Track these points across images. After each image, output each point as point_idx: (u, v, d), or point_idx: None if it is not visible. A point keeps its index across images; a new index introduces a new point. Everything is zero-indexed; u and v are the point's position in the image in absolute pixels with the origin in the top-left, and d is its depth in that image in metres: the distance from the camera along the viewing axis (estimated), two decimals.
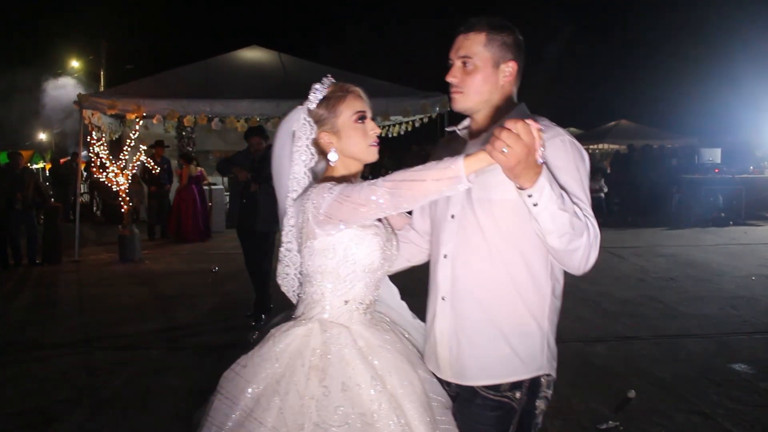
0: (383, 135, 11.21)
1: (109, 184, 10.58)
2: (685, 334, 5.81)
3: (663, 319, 6.30)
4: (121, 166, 10.52)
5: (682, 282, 7.80)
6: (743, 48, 23.55)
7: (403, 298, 2.24)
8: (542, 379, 1.92)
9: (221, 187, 14.61)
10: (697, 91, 25.12)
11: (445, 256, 1.97)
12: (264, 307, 6.31)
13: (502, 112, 1.95)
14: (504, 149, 1.52)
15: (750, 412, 4.11)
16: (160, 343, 5.83)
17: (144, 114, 10.46)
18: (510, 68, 1.94)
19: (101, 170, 10.56)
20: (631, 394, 4.31)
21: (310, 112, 2.03)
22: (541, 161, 1.58)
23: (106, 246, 11.31)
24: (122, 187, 10.44)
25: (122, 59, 27.01)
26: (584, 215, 1.73)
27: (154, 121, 10.92)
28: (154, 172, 12.33)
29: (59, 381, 4.86)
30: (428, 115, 12.22)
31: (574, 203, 1.71)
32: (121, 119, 12.05)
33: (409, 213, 2.21)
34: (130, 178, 10.66)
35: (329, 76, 2.08)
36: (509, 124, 1.52)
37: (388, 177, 1.76)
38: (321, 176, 2.05)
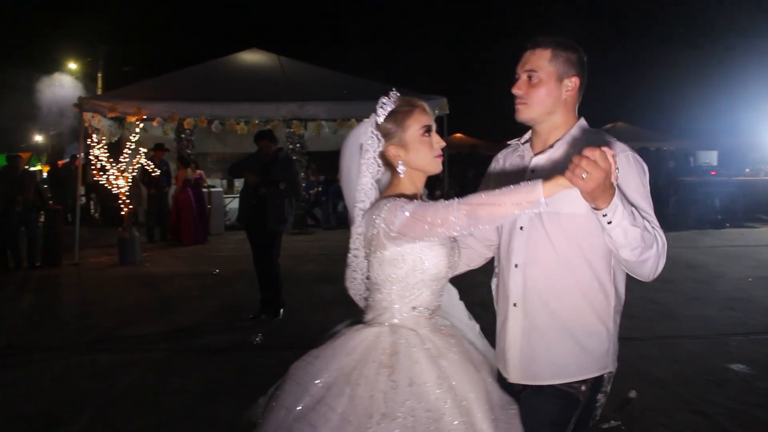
0: None
1: (109, 187, 10.59)
2: (684, 335, 5.88)
3: (662, 320, 6.35)
4: (121, 168, 10.53)
5: (680, 284, 7.86)
6: (740, 51, 23.67)
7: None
8: (605, 376, 2.06)
9: (220, 189, 14.64)
10: (694, 94, 25.21)
11: (516, 266, 2.09)
12: (277, 303, 6.54)
13: (563, 125, 2.10)
14: (584, 175, 1.63)
15: (748, 411, 4.17)
16: (164, 345, 5.86)
17: (144, 116, 10.49)
18: (572, 83, 2.07)
19: (101, 173, 10.57)
20: (632, 394, 4.36)
21: (378, 126, 2.09)
22: (615, 183, 1.71)
23: (106, 249, 11.32)
24: (122, 190, 10.46)
25: (120, 61, 26.99)
26: (652, 227, 1.87)
27: (154, 123, 10.97)
28: (153, 174, 12.35)
29: (63, 384, 4.88)
30: None
31: (642, 217, 1.84)
32: (120, 122, 12.08)
33: None
34: (129, 180, 10.67)
35: (394, 89, 2.13)
36: (587, 152, 1.62)
37: (464, 200, 1.84)
38: (386, 187, 2.14)
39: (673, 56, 26.90)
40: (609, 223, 1.76)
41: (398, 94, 2.12)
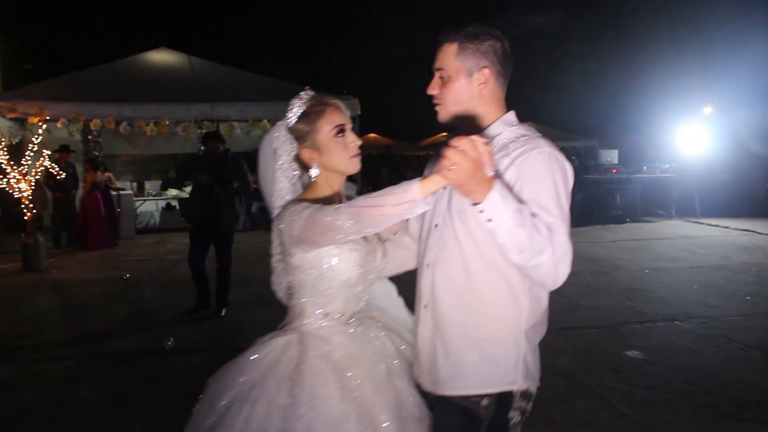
0: None
1: (10, 191, 10.09)
2: (585, 325, 6.19)
3: (566, 311, 6.65)
4: (23, 171, 10.05)
5: (583, 276, 8.26)
6: (639, 54, 24.96)
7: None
8: (515, 392, 1.87)
9: (130, 192, 14.22)
10: (598, 95, 26.41)
11: (428, 265, 1.96)
12: (222, 301, 6.63)
13: (483, 120, 1.93)
14: (452, 167, 1.52)
15: (641, 393, 4.48)
16: (71, 354, 5.67)
17: (47, 117, 10.07)
18: (484, 75, 1.90)
19: (0, 176, 10.05)
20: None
21: (289, 128, 2.01)
22: (492, 174, 1.57)
23: (8, 255, 10.76)
24: (25, 194, 9.99)
25: (20, 59, 25.65)
26: (548, 229, 1.67)
27: (59, 124, 10.55)
28: (59, 177, 11.87)
29: None
30: None
31: (538, 216, 1.68)
32: (22, 123, 11.55)
33: None
34: (33, 184, 10.21)
35: (307, 89, 2.04)
36: (454, 141, 1.51)
37: (352, 202, 1.76)
38: (305, 189, 2.06)
39: (579, 57, 28.05)
40: (489, 221, 1.61)
41: (311, 94, 2.03)
